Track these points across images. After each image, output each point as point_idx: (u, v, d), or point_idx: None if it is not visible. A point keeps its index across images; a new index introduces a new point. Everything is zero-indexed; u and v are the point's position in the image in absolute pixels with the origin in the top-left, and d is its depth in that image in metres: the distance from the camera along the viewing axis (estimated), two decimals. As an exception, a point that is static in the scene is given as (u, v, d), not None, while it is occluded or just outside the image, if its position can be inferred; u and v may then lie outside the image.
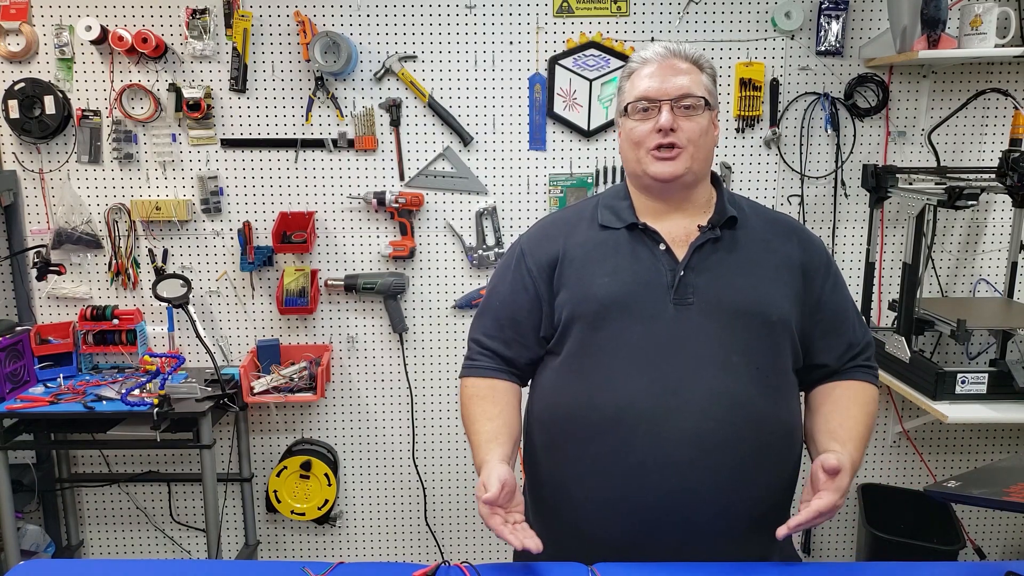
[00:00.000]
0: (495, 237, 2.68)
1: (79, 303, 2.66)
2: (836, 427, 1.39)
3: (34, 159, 2.61)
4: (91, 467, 2.81)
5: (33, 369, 2.54)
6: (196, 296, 2.66)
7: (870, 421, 1.42)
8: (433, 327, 2.73)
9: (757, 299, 1.38)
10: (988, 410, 2.20)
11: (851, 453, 1.33)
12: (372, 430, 2.80)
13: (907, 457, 2.83)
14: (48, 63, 2.55)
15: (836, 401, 1.43)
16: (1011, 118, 2.58)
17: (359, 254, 2.69)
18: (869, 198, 2.61)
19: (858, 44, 2.57)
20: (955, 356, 2.76)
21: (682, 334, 1.35)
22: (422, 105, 2.60)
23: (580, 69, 2.58)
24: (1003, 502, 1.16)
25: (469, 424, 1.46)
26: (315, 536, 2.88)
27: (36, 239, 2.64)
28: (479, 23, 2.56)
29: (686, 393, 1.33)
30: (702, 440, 1.32)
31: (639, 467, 1.33)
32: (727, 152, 2.64)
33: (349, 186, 2.64)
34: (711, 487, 1.33)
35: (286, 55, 2.57)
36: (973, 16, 2.34)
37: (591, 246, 1.44)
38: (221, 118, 2.59)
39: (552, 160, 2.64)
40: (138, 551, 2.88)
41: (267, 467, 2.80)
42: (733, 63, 2.58)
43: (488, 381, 1.49)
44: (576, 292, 1.41)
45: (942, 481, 1.26)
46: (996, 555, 2.88)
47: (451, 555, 2.89)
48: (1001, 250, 2.69)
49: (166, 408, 2.31)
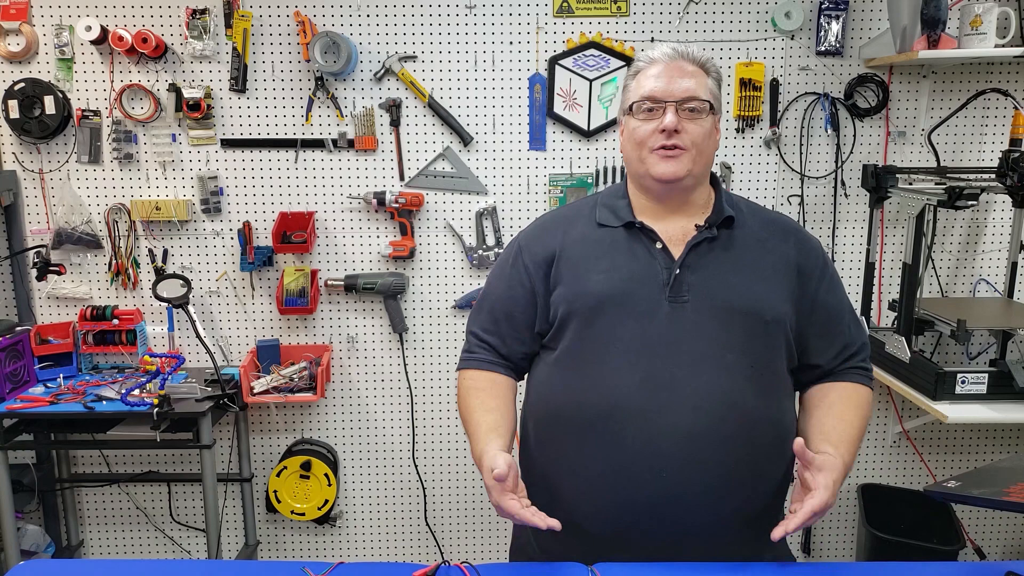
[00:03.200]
0: (495, 237, 2.68)
1: (79, 303, 2.66)
2: (829, 429, 1.39)
3: (34, 159, 2.61)
4: (91, 467, 2.81)
5: (33, 369, 2.54)
6: (196, 296, 2.66)
7: (863, 423, 1.43)
8: (433, 327, 2.73)
9: (752, 298, 1.38)
10: (988, 410, 2.20)
11: (843, 455, 1.33)
12: (372, 430, 2.80)
13: (907, 457, 2.83)
14: (48, 63, 2.55)
15: (831, 404, 1.43)
16: (1011, 118, 2.58)
17: (359, 254, 2.69)
18: (869, 198, 2.61)
19: (858, 44, 2.57)
20: (955, 356, 2.76)
21: (676, 331, 1.35)
22: (422, 105, 2.60)
23: (580, 69, 2.58)
24: (1003, 502, 1.16)
25: (467, 415, 1.47)
26: (315, 536, 2.88)
27: (36, 239, 2.64)
28: (479, 23, 2.56)
29: (679, 390, 1.33)
30: (694, 438, 1.32)
31: (630, 464, 1.34)
32: (727, 152, 2.64)
33: (349, 186, 2.64)
34: (702, 485, 1.33)
35: (286, 55, 2.57)
36: (973, 16, 2.34)
37: (588, 243, 1.44)
38: (221, 118, 2.59)
39: (552, 160, 2.64)
40: (138, 551, 2.88)
41: (267, 467, 2.80)
42: (733, 63, 2.58)
43: (487, 374, 1.50)
44: (572, 288, 1.42)
45: (942, 481, 1.26)
46: (996, 555, 2.88)
47: (451, 555, 2.89)
48: (1001, 250, 2.69)
49: (166, 408, 2.31)
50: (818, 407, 1.44)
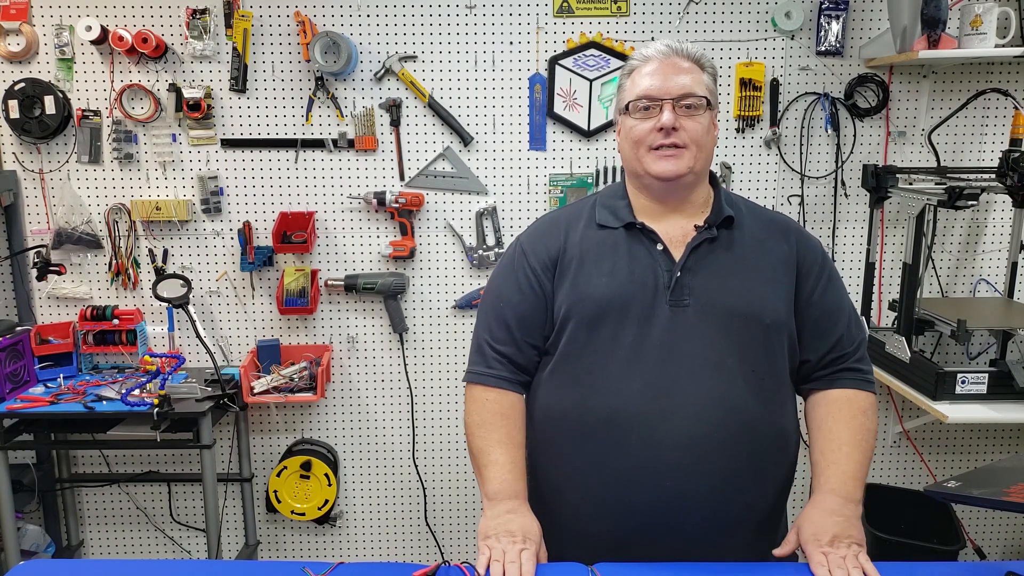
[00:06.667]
0: (495, 237, 2.68)
1: (79, 303, 2.66)
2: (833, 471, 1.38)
3: (34, 159, 2.61)
4: (91, 467, 2.81)
5: (33, 369, 2.54)
6: (196, 296, 2.66)
7: (865, 438, 1.40)
8: (433, 327, 2.73)
9: (752, 302, 1.37)
10: (988, 410, 2.20)
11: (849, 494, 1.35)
12: (372, 430, 2.80)
13: (907, 457, 2.83)
14: (48, 63, 2.55)
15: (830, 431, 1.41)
16: (1011, 118, 2.58)
17: (359, 254, 2.69)
18: (869, 198, 2.61)
19: (858, 44, 2.57)
20: (955, 356, 2.76)
21: (677, 337, 1.35)
22: (422, 105, 2.60)
23: (580, 69, 2.58)
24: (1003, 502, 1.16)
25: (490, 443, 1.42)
26: (315, 536, 2.88)
27: (36, 239, 2.64)
28: (479, 23, 2.56)
29: (680, 397, 1.33)
30: (695, 444, 1.32)
31: (632, 470, 1.33)
32: (727, 152, 2.64)
33: (349, 186, 2.64)
34: (704, 491, 1.33)
35: (286, 55, 2.57)
36: (973, 16, 2.34)
37: (589, 245, 1.43)
38: (221, 118, 2.59)
39: (552, 160, 2.64)
40: (138, 551, 2.88)
41: (267, 467, 2.80)
42: (733, 63, 2.58)
43: (510, 398, 1.46)
44: (573, 292, 1.40)
45: (942, 481, 1.26)
46: (996, 555, 2.88)
47: (451, 555, 2.89)
48: (1001, 250, 2.69)
49: (166, 408, 2.31)
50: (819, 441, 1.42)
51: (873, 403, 1.45)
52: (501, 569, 1.25)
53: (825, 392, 1.45)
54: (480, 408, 1.46)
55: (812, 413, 1.46)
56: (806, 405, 1.49)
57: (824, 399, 1.44)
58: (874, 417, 1.44)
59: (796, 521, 1.38)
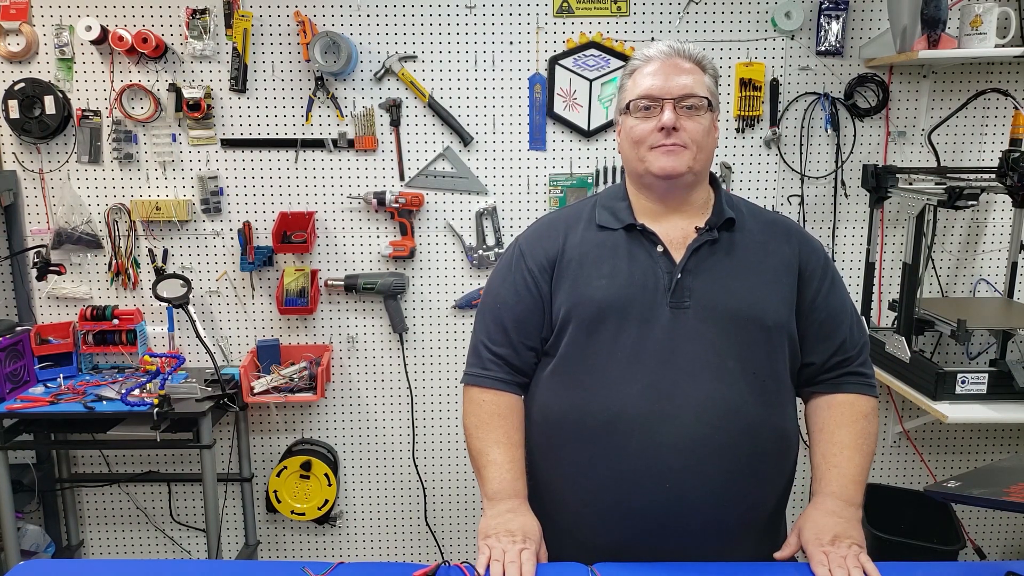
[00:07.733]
0: (495, 237, 2.68)
1: (79, 303, 2.66)
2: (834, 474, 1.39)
3: (34, 159, 2.61)
4: (91, 467, 2.81)
5: (33, 369, 2.54)
6: (196, 296, 2.66)
7: (866, 442, 1.41)
8: (433, 327, 2.73)
9: (753, 304, 1.37)
10: (988, 410, 2.20)
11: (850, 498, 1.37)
12: (372, 430, 2.80)
13: (907, 457, 2.83)
14: (48, 63, 2.55)
15: (831, 434, 1.42)
16: (1011, 118, 2.58)
17: (359, 254, 2.69)
18: (869, 198, 2.61)
19: (858, 44, 2.57)
20: (955, 356, 2.76)
21: (677, 339, 1.34)
22: (422, 105, 2.60)
23: (580, 69, 2.58)
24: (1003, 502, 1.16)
25: (488, 444, 1.43)
26: (315, 536, 2.88)
27: (36, 239, 2.64)
28: (479, 23, 2.56)
29: (680, 399, 1.32)
30: (696, 447, 1.31)
31: (632, 473, 1.33)
32: (727, 152, 2.64)
33: (349, 186, 2.64)
34: (704, 494, 1.32)
35: (286, 55, 2.57)
36: (973, 16, 2.34)
37: (589, 247, 1.42)
38: (221, 118, 2.59)
39: (552, 160, 2.64)
40: (138, 551, 2.88)
41: (267, 467, 2.80)
42: (733, 63, 2.58)
43: (507, 398, 1.46)
44: (573, 294, 1.40)
45: (942, 481, 1.27)
46: (996, 555, 2.88)
47: (451, 555, 2.89)
48: (1001, 250, 2.69)
49: (166, 408, 2.31)
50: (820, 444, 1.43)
51: (875, 407, 1.45)
52: (501, 569, 1.25)
53: (827, 396, 1.45)
54: (477, 409, 1.46)
55: (813, 416, 1.46)
56: (807, 408, 1.49)
57: (826, 403, 1.44)
58: (875, 421, 1.44)
59: (796, 523, 1.38)
